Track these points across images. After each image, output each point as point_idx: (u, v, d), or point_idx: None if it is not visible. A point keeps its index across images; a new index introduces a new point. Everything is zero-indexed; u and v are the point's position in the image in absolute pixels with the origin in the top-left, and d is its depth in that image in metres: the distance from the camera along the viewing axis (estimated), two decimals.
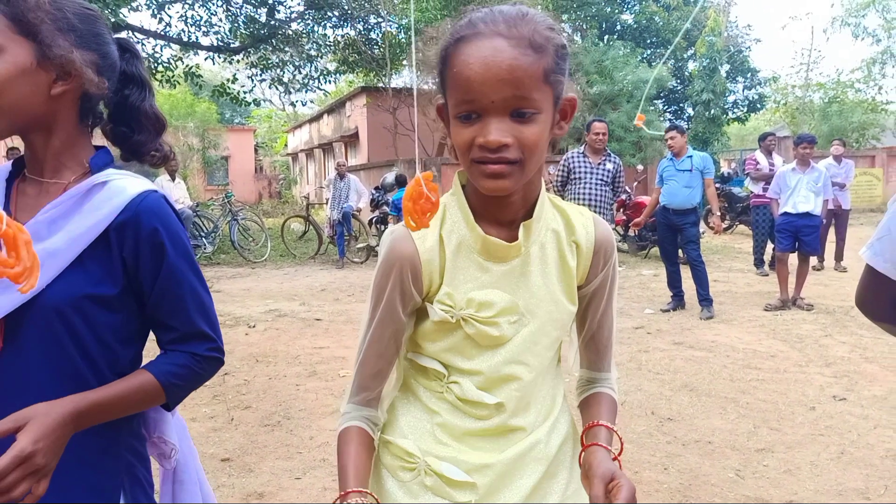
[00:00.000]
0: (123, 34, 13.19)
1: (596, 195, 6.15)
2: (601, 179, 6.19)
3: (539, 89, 0.92)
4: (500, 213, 1.05)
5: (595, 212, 5.88)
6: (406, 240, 1.04)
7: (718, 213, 6.96)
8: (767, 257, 8.93)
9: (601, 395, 1.20)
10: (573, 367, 1.26)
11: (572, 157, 6.30)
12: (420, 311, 1.09)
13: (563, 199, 6.11)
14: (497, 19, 0.93)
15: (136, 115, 1.24)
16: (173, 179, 10.72)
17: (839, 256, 9.31)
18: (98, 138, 1.25)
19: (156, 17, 13.99)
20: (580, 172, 6.20)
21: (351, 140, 22.94)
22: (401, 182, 10.98)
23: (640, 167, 14.52)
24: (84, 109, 1.16)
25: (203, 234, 11.32)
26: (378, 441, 1.14)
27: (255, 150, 32.62)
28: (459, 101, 0.94)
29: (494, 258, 1.05)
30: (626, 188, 10.24)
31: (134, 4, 12.99)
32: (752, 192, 8.99)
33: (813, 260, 7.93)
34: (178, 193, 10.77)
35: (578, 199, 6.10)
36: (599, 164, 6.22)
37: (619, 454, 1.06)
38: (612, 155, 6.40)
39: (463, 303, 1.04)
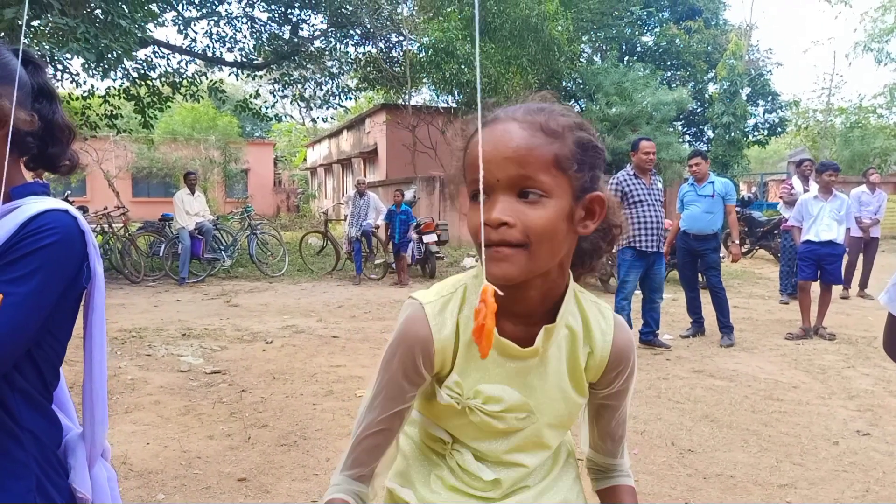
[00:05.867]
0: (149, 49, 13.46)
1: (659, 217, 5.93)
2: (657, 200, 5.98)
3: (548, 173, 0.92)
4: (517, 306, 1.01)
5: (657, 234, 5.71)
6: (422, 323, 1.02)
7: (738, 241, 6.88)
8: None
9: (624, 492, 1.22)
10: (581, 443, 1.27)
11: (625, 179, 5.93)
12: (429, 389, 1.10)
13: None
14: (517, 109, 0.97)
15: (49, 127, 1.20)
16: (192, 193, 10.81)
17: (864, 284, 9.19)
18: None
19: (182, 33, 14.25)
20: (640, 195, 5.87)
21: (370, 156, 23.08)
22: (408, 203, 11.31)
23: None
24: (13, 143, 1.14)
25: (222, 247, 11.40)
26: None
27: (275, 164, 32.93)
28: (470, 181, 0.96)
29: (509, 356, 1.03)
30: None
31: (160, 20, 13.22)
32: (783, 218, 8.89)
33: (839, 288, 7.84)
34: (197, 206, 10.84)
35: (643, 223, 5.84)
36: (652, 183, 6.01)
37: None
38: (656, 174, 6.27)
39: (471, 393, 1.04)
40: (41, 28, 9.35)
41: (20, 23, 8.78)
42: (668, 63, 21.87)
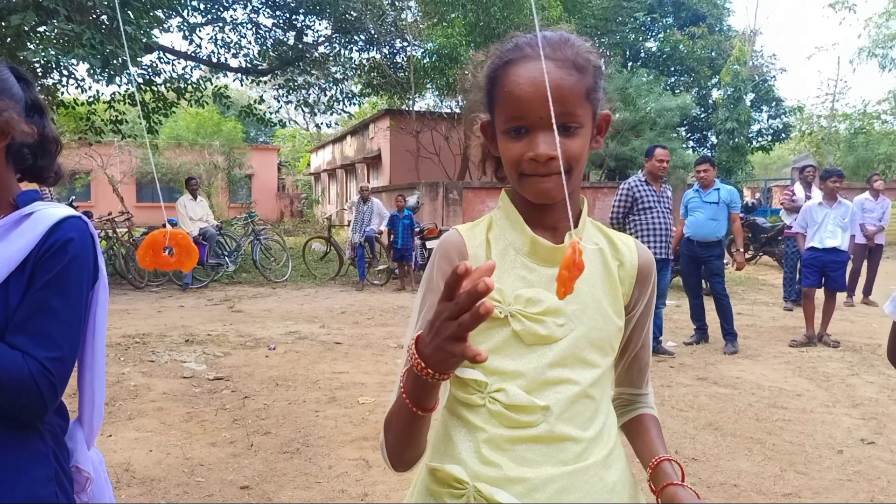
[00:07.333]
0: (154, 55, 13.51)
1: (668, 224, 5.97)
2: (667, 207, 6.02)
3: (581, 106, 1.01)
4: (544, 219, 1.10)
5: (665, 241, 5.75)
6: (455, 236, 1.12)
7: (742, 249, 6.85)
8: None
9: (648, 420, 1.24)
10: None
11: (635, 185, 5.99)
12: None
13: (626, 230, 6.04)
14: (543, 44, 1.01)
15: (41, 141, 1.26)
16: (195, 198, 10.82)
17: (868, 291, 9.16)
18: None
19: (187, 39, 14.28)
20: (649, 202, 5.94)
21: (373, 162, 23.11)
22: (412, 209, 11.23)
23: None
24: (10, 153, 1.20)
25: (226, 252, 11.40)
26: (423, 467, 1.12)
27: (279, 169, 32.98)
28: (509, 118, 1.03)
29: (541, 260, 1.09)
30: None
31: (166, 26, 13.26)
32: (785, 224, 8.85)
33: (843, 295, 7.79)
34: (200, 212, 10.84)
35: (652, 229, 5.88)
36: (662, 191, 6.06)
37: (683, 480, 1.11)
38: (666, 181, 6.27)
39: (511, 298, 1.06)
40: (47, 34, 9.39)
41: (26, 28, 8.84)
42: (672, 69, 21.87)
